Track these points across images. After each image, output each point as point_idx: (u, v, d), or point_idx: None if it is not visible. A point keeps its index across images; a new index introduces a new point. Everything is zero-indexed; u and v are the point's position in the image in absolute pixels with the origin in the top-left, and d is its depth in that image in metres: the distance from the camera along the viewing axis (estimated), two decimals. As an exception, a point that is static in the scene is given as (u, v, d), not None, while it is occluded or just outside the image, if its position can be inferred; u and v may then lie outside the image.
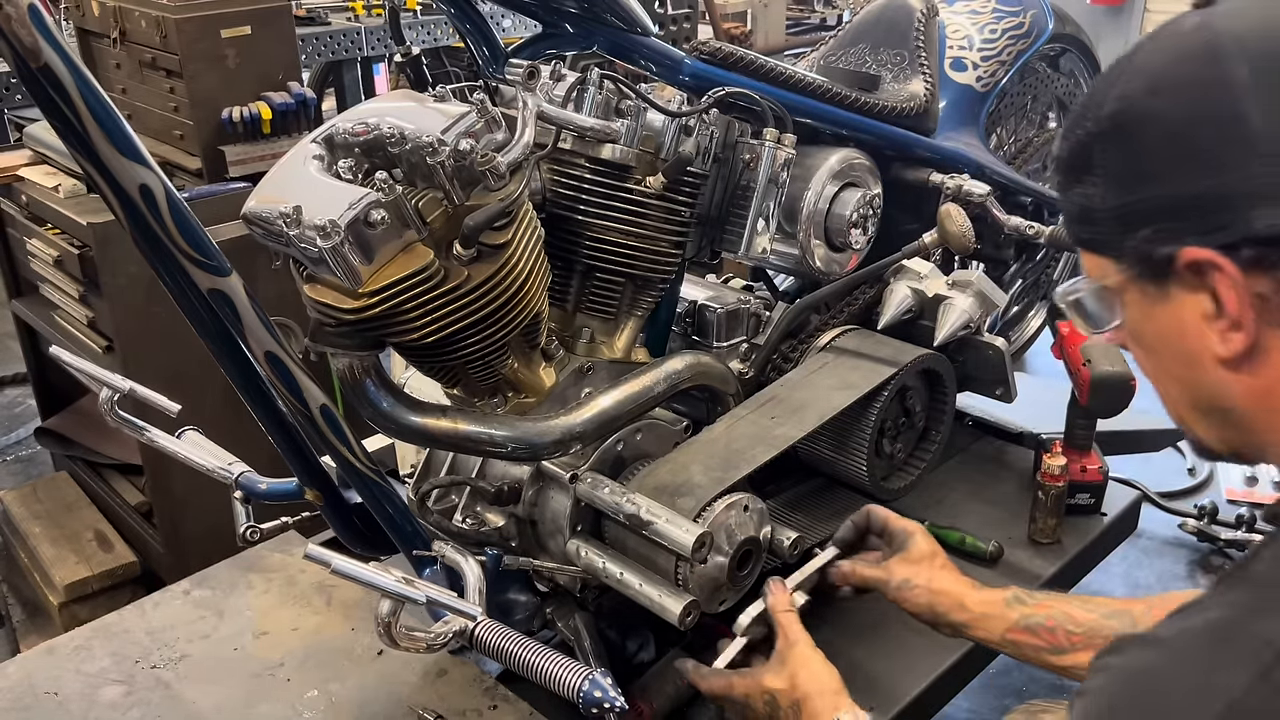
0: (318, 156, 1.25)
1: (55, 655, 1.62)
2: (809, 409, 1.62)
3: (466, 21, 1.64)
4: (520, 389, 1.48)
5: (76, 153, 1.05)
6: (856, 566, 1.41)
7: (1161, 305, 0.81)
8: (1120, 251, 0.82)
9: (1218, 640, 0.69)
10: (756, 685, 1.27)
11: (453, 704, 1.50)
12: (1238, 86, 0.73)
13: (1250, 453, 0.84)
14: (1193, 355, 0.80)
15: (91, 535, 2.74)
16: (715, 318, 1.77)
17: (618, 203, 1.50)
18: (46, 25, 0.96)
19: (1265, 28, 0.74)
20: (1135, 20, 5.46)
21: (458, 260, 1.24)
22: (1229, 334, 0.77)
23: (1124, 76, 0.81)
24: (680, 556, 1.37)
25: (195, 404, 1.77)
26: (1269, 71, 0.72)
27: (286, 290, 1.32)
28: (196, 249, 1.13)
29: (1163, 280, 0.80)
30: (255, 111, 2.68)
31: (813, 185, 1.77)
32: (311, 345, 1.27)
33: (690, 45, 1.68)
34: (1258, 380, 0.78)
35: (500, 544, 1.54)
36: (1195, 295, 0.78)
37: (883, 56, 2.03)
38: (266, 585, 1.77)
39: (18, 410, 3.84)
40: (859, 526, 1.47)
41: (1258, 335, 0.76)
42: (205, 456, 1.62)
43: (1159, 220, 0.77)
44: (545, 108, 1.42)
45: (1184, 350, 0.81)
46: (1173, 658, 0.71)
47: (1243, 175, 0.72)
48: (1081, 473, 1.97)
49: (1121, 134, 0.79)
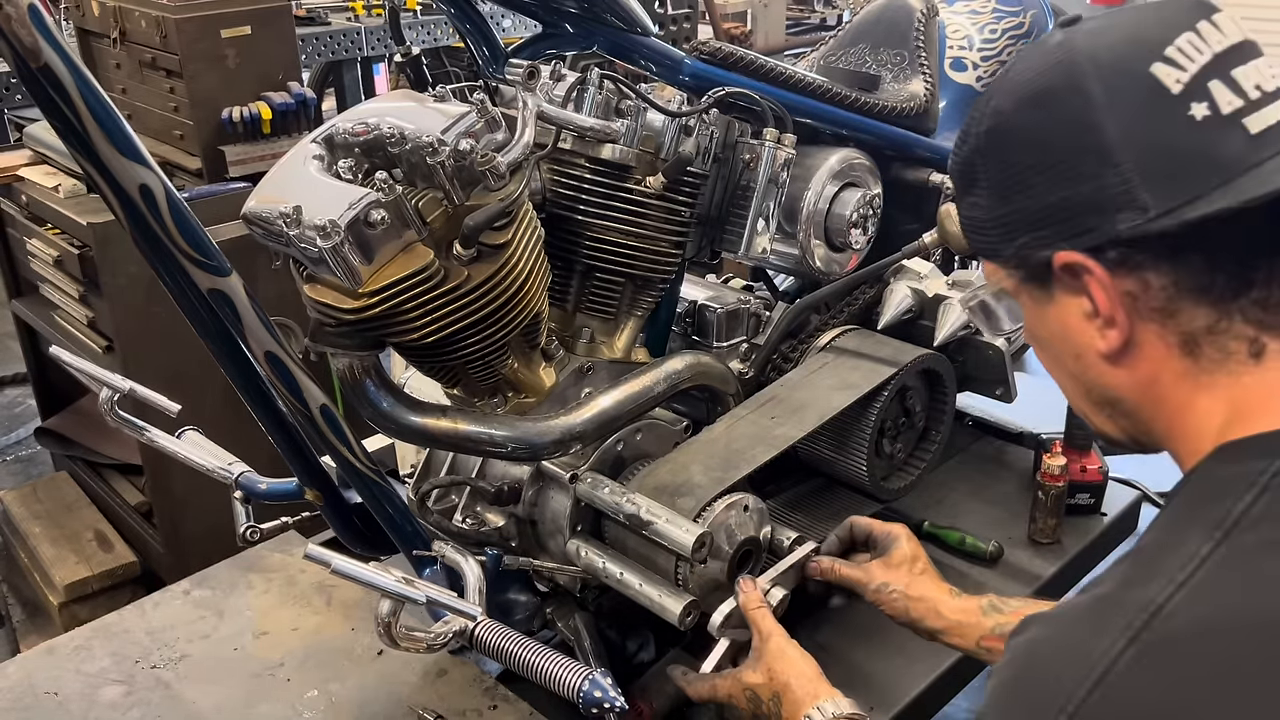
0: (318, 156, 1.25)
1: (55, 655, 1.61)
2: (809, 409, 1.62)
3: (466, 21, 1.64)
4: (520, 389, 1.48)
5: (76, 153, 1.05)
6: (836, 564, 1.43)
7: (1048, 306, 0.86)
8: (1007, 258, 0.87)
9: (1098, 610, 0.72)
10: (737, 684, 1.29)
11: (453, 704, 1.50)
12: (1093, 101, 0.78)
13: (1148, 441, 0.88)
14: (1079, 352, 0.86)
15: (91, 535, 2.75)
16: (715, 318, 1.77)
17: (618, 203, 1.50)
18: (46, 25, 0.96)
19: (1118, 46, 0.79)
20: (1135, 20, 5.44)
21: (458, 260, 1.24)
22: (1106, 331, 0.82)
23: (998, 93, 0.86)
24: (680, 556, 1.38)
25: (195, 404, 1.77)
26: (1121, 88, 0.77)
27: (286, 290, 1.32)
28: (196, 249, 1.13)
29: (1046, 283, 0.85)
30: (255, 111, 2.68)
31: (813, 185, 1.77)
32: (311, 345, 1.27)
33: (690, 45, 1.68)
34: (1138, 373, 0.83)
35: (500, 544, 1.54)
36: (1075, 296, 0.83)
37: (883, 56, 2.02)
38: (266, 585, 1.77)
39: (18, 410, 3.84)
40: (843, 541, 1.48)
41: (1132, 331, 0.81)
42: (205, 456, 1.62)
43: (1033, 228, 0.83)
44: (545, 108, 1.42)
45: (1071, 347, 0.86)
46: (1058, 629, 0.74)
47: (1101, 183, 0.77)
48: (1081, 473, 1.97)
49: (996, 148, 0.85)
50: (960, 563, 1.86)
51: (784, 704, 1.23)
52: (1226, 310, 0.78)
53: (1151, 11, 0.81)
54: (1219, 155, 0.75)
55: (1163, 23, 0.79)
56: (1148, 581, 0.71)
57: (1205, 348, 0.79)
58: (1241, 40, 0.79)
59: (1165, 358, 0.81)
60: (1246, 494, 0.72)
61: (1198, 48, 0.77)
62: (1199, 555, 0.71)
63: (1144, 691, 0.67)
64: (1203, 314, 0.78)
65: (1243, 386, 0.78)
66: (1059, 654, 0.72)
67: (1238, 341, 0.78)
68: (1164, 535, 0.76)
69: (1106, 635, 0.69)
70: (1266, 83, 0.77)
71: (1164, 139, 0.76)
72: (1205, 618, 0.68)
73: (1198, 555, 0.71)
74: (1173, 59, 0.77)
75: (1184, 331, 0.79)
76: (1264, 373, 0.78)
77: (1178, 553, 0.72)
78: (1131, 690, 0.67)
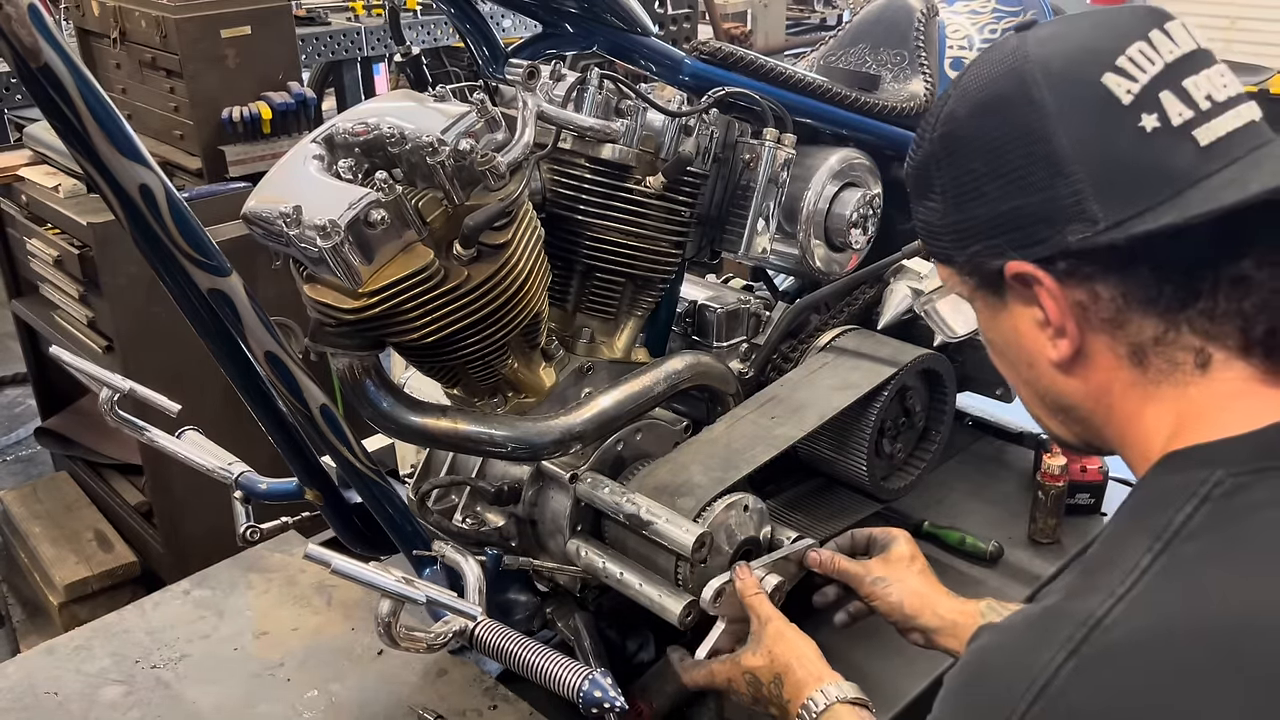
0: (318, 156, 1.25)
1: (55, 655, 1.61)
2: (809, 409, 1.62)
3: (466, 21, 1.64)
4: (520, 389, 1.48)
5: (76, 153, 1.05)
6: (835, 557, 1.42)
7: (1002, 313, 0.87)
8: (960, 264, 0.88)
9: (1044, 621, 0.73)
10: (735, 667, 1.28)
11: (453, 704, 1.50)
12: (1045, 111, 0.78)
13: (1102, 445, 0.89)
14: (1032, 359, 0.87)
15: (91, 535, 2.75)
16: (715, 318, 1.77)
17: (618, 203, 1.50)
18: (46, 25, 0.96)
19: (1070, 54, 0.79)
20: (1135, 20, 5.42)
21: (458, 260, 1.24)
22: (1057, 341, 0.83)
23: (953, 98, 0.86)
24: (680, 556, 1.38)
25: (195, 404, 1.77)
26: (1072, 98, 0.77)
27: (286, 290, 1.32)
28: (196, 249, 1.13)
29: (999, 291, 0.86)
30: (255, 111, 2.68)
31: (813, 185, 1.77)
32: (311, 345, 1.27)
33: (690, 45, 1.68)
34: (1089, 382, 0.84)
35: (500, 544, 1.54)
36: (1027, 305, 0.84)
37: (883, 56, 2.02)
38: (266, 585, 1.77)
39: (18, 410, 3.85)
40: (842, 549, 1.47)
41: (1082, 341, 0.82)
42: (205, 456, 1.62)
43: (986, 236, 0.83)
44: (545, 108, 1.42)
45: (1024, 355, 0.87)
46: (1007, 638, 0.75)
47: (1052, 194, 0.77)
48: (1081, 473, 1.96)
49: (949, 155, 0.85)
50: (960, 563, 1.86)
51: (785, 685, 1.22)
52: (1174, 321, 0.78)
53: (1105, 19, 0.81)
54: (1168, 168, 0.75)
55: (1115, 31, 0.79)
56: (1090, 593, 0.72)
57: (1153, 358, 0.79)
58: (1194, 49, 0.79)
59: (1115, 367, 0.81)
60: (1187, 504, 0.73)
61: (1149, 57, 0.77)
62: (1139, 567, 0.71)
63: (1083, 703, 0.67)
64: (1151, 325, 0.78)
65: (1189, 398, 0.78)
66: (1005, 664, 0.73)
67: (1185, 352, 0.78)
68: (1108, 546, 0.77)
69: (1049, 647, 0.70)
70: (1218, 93, 0.77)
71: (1114, 151, 0.76)
72: (1144, 629, 0.69)
73: (1138, 567, 0.71)
74: (1124, 69, 0.77)
75: (1133, 342, 0.80)
76: (1210, 384, 0.78)
77: (1119, 564, 0.72)
78: (1071, 702, 0.68)
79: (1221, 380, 0.77)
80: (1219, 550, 0.71)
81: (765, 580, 1.38)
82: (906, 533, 1.43)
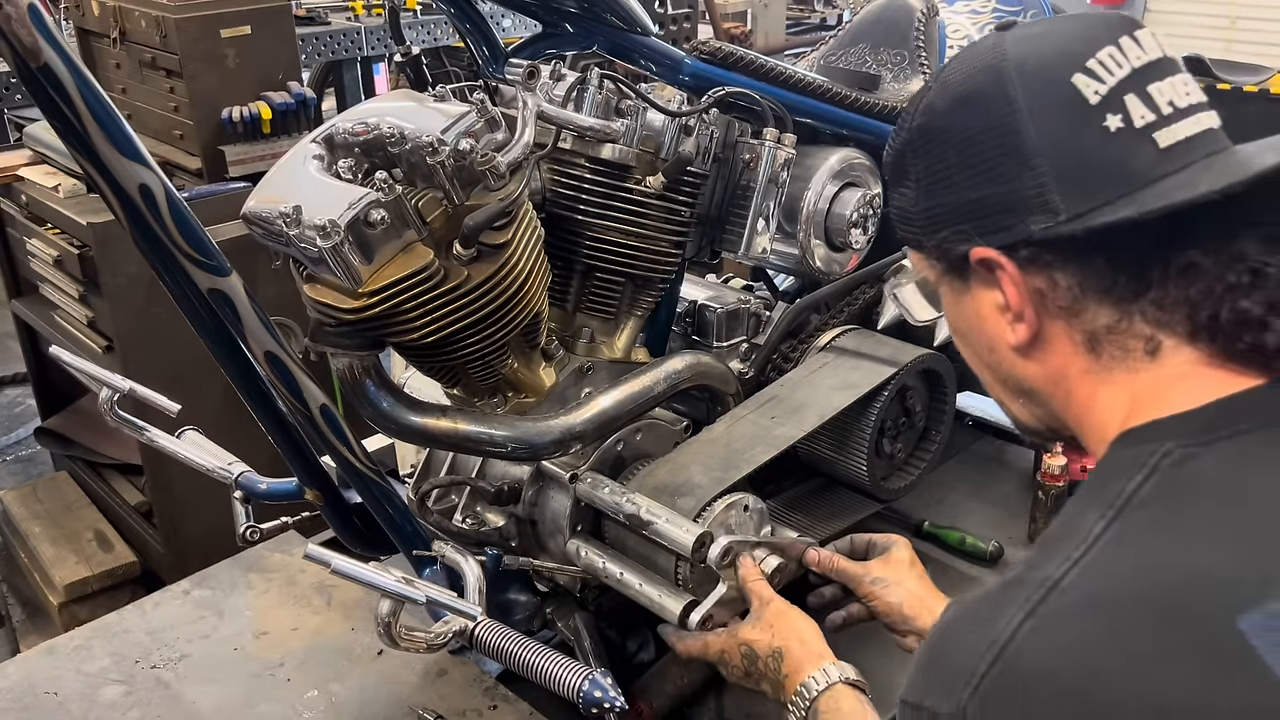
0: (318, 156, 1.25)
1: (55, 655, 1.62)
2: (809, 409, 1.62)
3: (466, 21, 1.64)
4: (520, 389, 1.48)
5: (76, 153, 1.05)
6: (834, 557, 1.42)
7: (966, 298, 0.92)
8: (929, 250, 0.92)
9: (1005, 591, 0.76)
10: (732, 639, 1.28)
11: (453, 704, 1.50)
12: (1016, 106, 0.82)
13: (1063, 429, 0.93)
14: (993, 343, 0.91)
15: (91, 535, 2.75)
16: (715, 318, 1.77)
17: (618, 203, 1.50)
18: (46, 25, 0.96)
19: (1044, 54, 0.83)
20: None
21: (458, 260, 1.24)
22: (1016, 325, 0.87)
23: (932, 90, 0.90)
24: (680, 556, 1.38)
25: (195, 404, 1.77)
26: (1043, 95, 0.82)
27: (286, 290, 1.32)
28: (196, 249, 1.13)
29: (965, 276, 0.90)
30: (255, 111, 2.68)
31: (813, 185, 1.77)
32: (311, 345, 1.27)
33: (690, 45, 1.68)
34: (1047, 366, 0.88)
35: (500, 544, 1.54)
36: (989, 290, 0.88)
37: (883, 56, 2.02)
38: (266, 585, 1.77)
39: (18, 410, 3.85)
40: (842, 553, 1.47)
41: (1040, 326, 0.86)
42: (205, 456, 1.62)
43: (954, 222, 0.87)
44: (545, 107, 1.42)
45: (986, 339, 0.92)
46: (968, 609, 0.79)
47: (1017, 185, 0.82)
48: (1082, 472, 1.96)
49: (925, 144, 0.90)
50: (960, 563, 1.86)
51: (784, 661, 1.22)
52: (1127, 310, 0.82)
53: (1079, 23, 0.85)
54: (1128, 166, 0.79)
55: (1087, 35, 0.83)
56: (1048, 561, 0.75)
57: (1107, 345, 0.83)
58: (1161, 57, 0.83)
59: (1071, 353, 0.86)
60: (1138, 474, 0.76)
61: (1118, 61, 0.81)
62: (1093, 534, 0.75)
63: (1039, 662, 0.71)
64: (1105, 313, 0.83)
65: (1140, 382, 0.82)
66: (967, 630, 0.76)
67: (1136, 340, 0.82)
68: (1065, 518, 0.81)
69: (1008, 611, 0.73)
70: (1180, 99, 0.81)
71: (1079, 147, 0.81)
72: (1096, 591, 0.72)
73: (1092, 534, 0.75)
74: (1093, 71, 0.81)
75: (1088, 330, 0.84)
76: (1159, 368, 0.82)
77: (1075, 533, 0.76)
78: (1028, 660, 0.71)
79: (1170, 365, 0.81)
80: (1167, 516, 0.74)
81: (765, 562, 1.38)
82: (906, 539, 1.43)
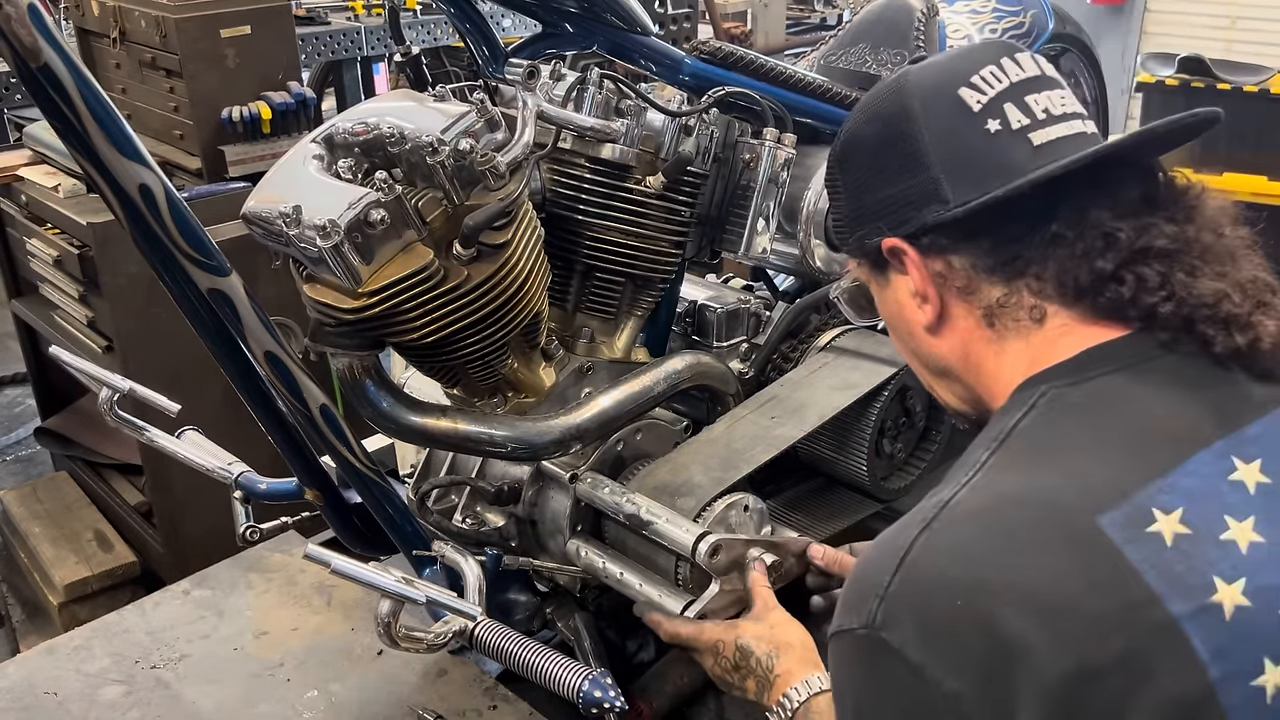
0: (318, 156, 1.25)
1: (55, 655, 1.62)
2: (809, 409, 1.62)
3: (466, 21, 1.63)
4: (520, 389, 1.48)
5: (76, 153, 1.05)
6: (838, 552, 1.41)
7: (888, 289, 1.04)
8: (855, 250, 1.05)
9: (907, 517, 0.87)
10: (730, 631, 1.26)
11: (453, 704, 1.50)
12: (913, 116, 0.97)
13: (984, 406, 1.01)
14: (910, 327, 1.03)
15: (91, 535, 2.74)
16: (715, 318, 1.77)
17: (618, 203, 1.50)
18: (46, 25, 0.96)
19: (938, 74, 0.99)
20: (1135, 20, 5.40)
21: (458, 260, 1.24)
22: (924, 306, 0.99)
23: (852, 116, 1.05)
24: (680, 556, 1.37)
25: (195, 404, 1.77)
26: (934, 106, 0.96)
27: (286, 290, 1.32)
28: (196, 249, 1.13)
29: (884, 268, 1.02)
30: (255, 111, 2.67)
31: (813, 185, 1.77)
32: (311, 345, 1.27)
33: (690, 45, 1.68)
34: (954, 342, 1.00)
35: (500, 544, 1.54)
36: (903, 277, 1.00)
37: (883, 56, 2.02)
38: (266, 585, 1.77)
39: (18, 410, 3.84)
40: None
41: (944, 305, 0.98)
42: (205, 456, 1.62)
43: (871, 220, 1.01)
44: (545, 107, 1.42)
45: (906, 324, 1.03)
46: (879, 541, 0.89)
47: (916, 182, 0.96)
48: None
49: (847, 157, 1.05)
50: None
51: (779, 661, 1.21)
52: (1015, 286, 0.94)
53: (970, 49, 1.01)
54: (1005, 161, 0.93)
55: (974, 58, 0.98)
56: (944, 489, 0.87)
57: (1001, 317, 0.95)
58: (1039, 74, 0.97)
59: (974, 328, 0.97)
60: (1019, 412, 0.89)
61: (997, 77, 0.96)
62: (980, 461, 0.87)
63: (932, 566, 0.81)
64: (997, 290, 0.95)
65: (1032, 346, 0.94)
66: (876, 554, 0.86)
67: (1024, 310, 0.94)
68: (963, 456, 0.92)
69: (909, 532, 0.84)
70: (1055, 108, 0.95)
71: (964, 146, 0.95)
72: (979, 503, 0.84)
73: (979, 462, 0.87)
74: (975, 84, 0.96)
75: (984, 305, 0.96)
76: (1045, 332, 0.93)
77: (966, 464, 0.89)
78: (924, 567, 0.82)
79: (1052, 327, 0.93)
80: (1042, 439, 0.87)
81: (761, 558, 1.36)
82: None
